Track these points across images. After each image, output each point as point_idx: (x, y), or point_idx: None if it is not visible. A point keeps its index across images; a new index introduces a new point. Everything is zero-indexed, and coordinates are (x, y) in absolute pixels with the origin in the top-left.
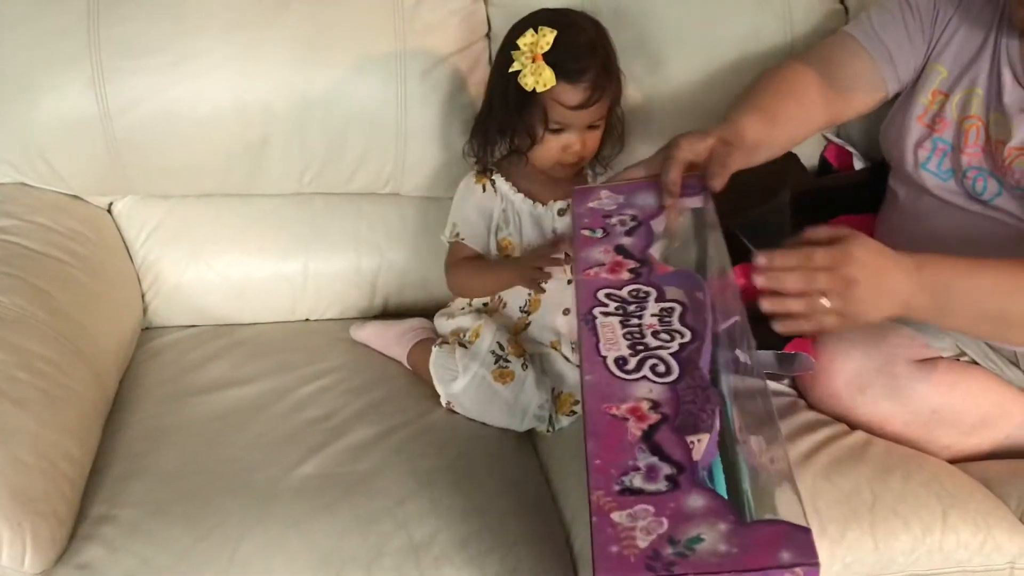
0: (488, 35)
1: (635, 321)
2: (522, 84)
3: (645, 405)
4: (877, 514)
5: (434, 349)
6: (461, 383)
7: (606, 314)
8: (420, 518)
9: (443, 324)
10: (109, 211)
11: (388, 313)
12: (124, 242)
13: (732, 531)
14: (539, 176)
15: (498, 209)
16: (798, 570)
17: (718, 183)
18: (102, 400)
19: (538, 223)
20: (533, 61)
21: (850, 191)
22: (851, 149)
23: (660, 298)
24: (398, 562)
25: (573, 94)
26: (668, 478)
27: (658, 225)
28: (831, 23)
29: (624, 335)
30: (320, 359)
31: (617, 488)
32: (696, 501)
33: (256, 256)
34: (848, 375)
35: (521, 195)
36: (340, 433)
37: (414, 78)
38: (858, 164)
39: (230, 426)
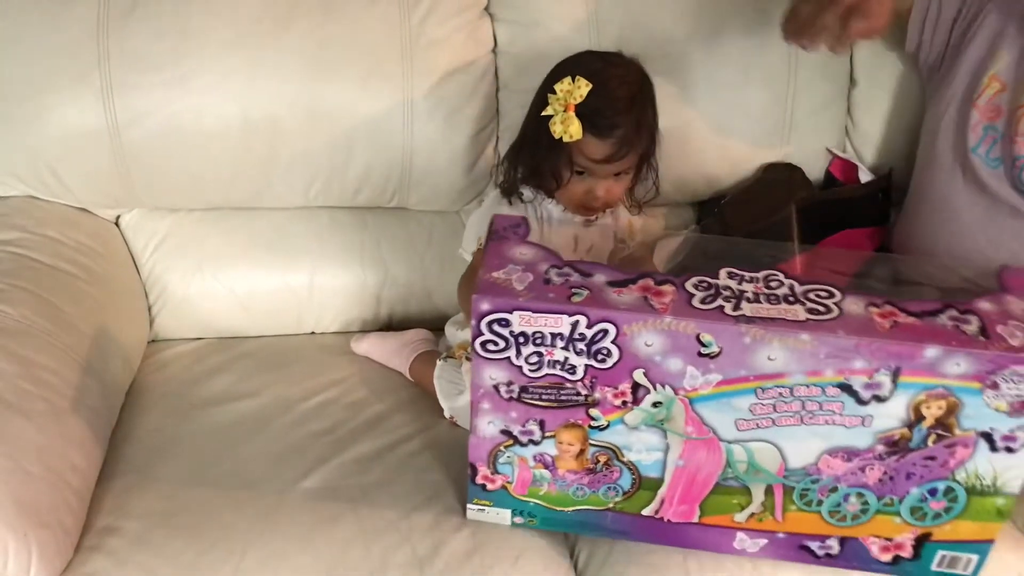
0: (494, 50)
1: (749, 294)
2: (551, 130)
3: (889, 322)
4: None
5: (438, 363)
6: (467, 397)
7: (736, 307)
8: (424, 531)
9: (453, 334)
10: (117, 224)
11: (393, 326)
12: (131, 255)
13: None
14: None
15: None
16: None
17: None
18: (108, 412)
19: (564, 226)
20: (565, 110)
21: (855, 204)
22: (857, 162)
23: (714, 275)
24: (402, 575)
25: (599, 148)
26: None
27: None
28: None
29: (767, 303)
30: (325, 372)
31: None
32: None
33: (262, 269)
34: None
35: (553, 199)
36: (344, 446)
37: (420, 93)
38: (863, 177)
39: (235, 439)
